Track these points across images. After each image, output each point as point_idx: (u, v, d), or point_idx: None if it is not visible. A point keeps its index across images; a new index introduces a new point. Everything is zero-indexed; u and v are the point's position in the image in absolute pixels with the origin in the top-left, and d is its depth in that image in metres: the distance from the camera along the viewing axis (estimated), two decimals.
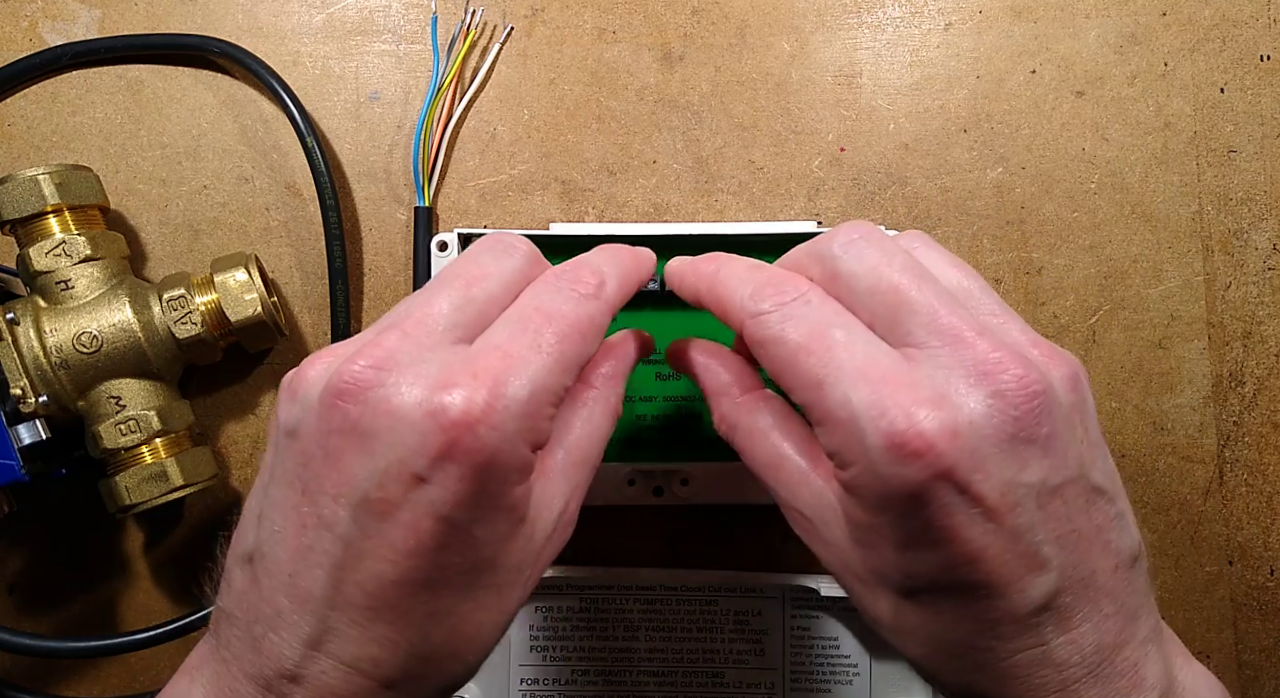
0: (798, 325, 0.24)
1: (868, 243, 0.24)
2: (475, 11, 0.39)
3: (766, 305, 0.24)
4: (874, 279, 0.24)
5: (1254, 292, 0.38)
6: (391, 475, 0.22)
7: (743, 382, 0.28)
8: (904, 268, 0.24)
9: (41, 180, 0.34)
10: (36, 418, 0.33)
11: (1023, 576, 0.22)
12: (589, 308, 0.25)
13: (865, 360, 0.23)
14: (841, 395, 0.22)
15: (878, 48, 0.39)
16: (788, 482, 0.26)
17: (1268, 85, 0.38)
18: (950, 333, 0.23)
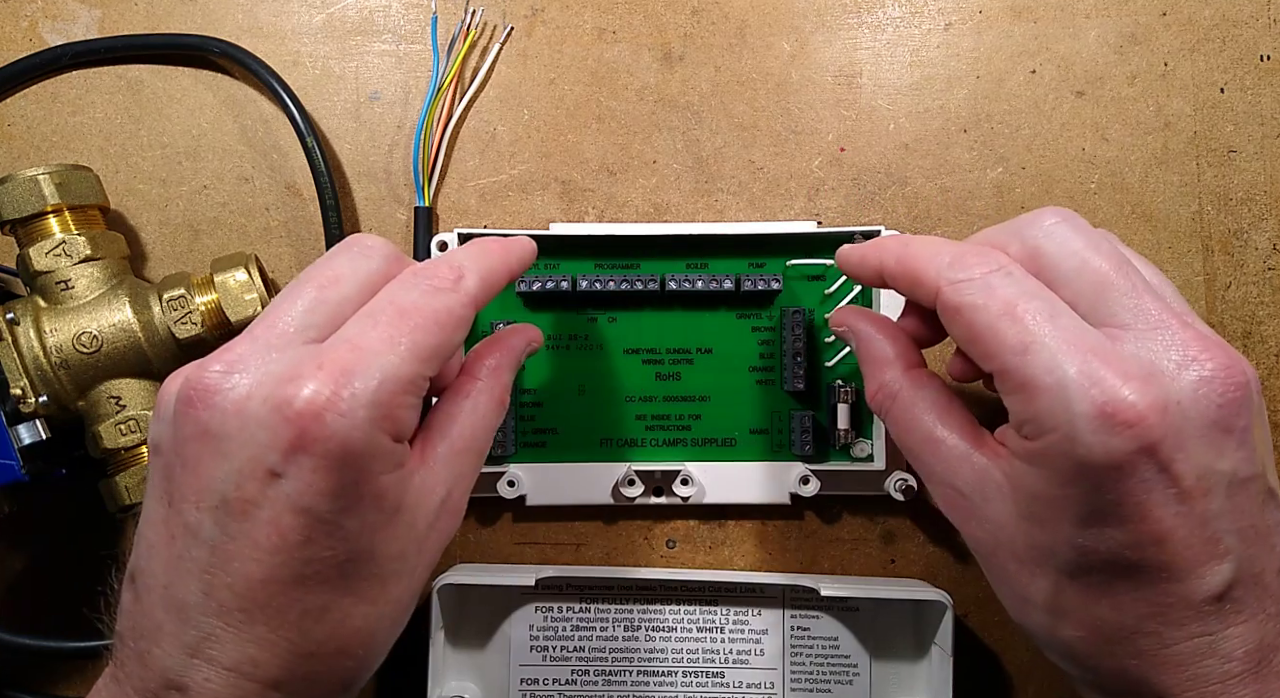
0: (1001, 292, 0.24)
1: (1072, 228, 0.25)
2: (475, 11, 0.39)
3: (967, 273, 0.24)
4: (1079, 261, 0.24)
5: (1254, 292, 0.38)
6: (246, 474, 0.22)
7: (909, 356, 0.29)
8: (1110, 253, 0.24)
9: (41, 180, 0.34)
10: (36, 418, 0.33)
11: (1204, 562, 0.22)
12: (445, 300, 0.25)
13: (1073, 332, 0.23)
14: (1049, 361, 0.22)
15: (878, 48, 0.39)
16: (947, 457, 0.26)
17: (1268, 85, 0.38)
18: (1156, 317, 0.23)
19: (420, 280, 0.25)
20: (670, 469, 0.37)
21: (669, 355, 0.37)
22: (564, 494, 0.37)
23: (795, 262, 0.37)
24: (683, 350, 0.38)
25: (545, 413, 0.37)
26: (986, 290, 0.24)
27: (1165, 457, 0.21)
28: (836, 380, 0.37)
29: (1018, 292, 0.24)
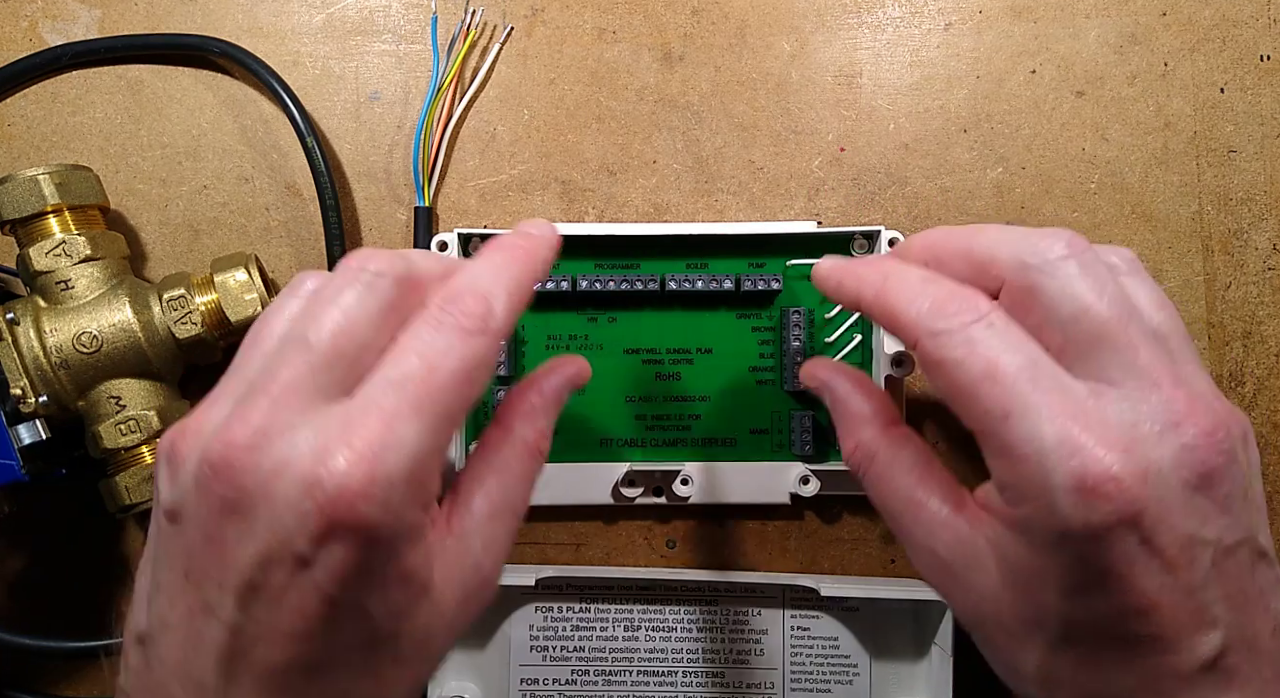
0: (983, 350, 0.23)
1: (1079, 266, 0.23)
2: (475, 11, 0.39)
3: (946, 324, 0.23)
4: (1079, 307, 0.23)
5: (1254, 292, 0.38)
6: (274, 560, 0.21)
7: (886, 414, 0.28)
8: (1114, 301, 0.23)
9: (41, 180, 0.34)
10: (36, 418, 0.33)
11: (1193, 632, 0.22)
12: (474, 346, 0.23)
13: (1055, 395, 0.22)
14: (1029, 430, 0.22)
15: (878, 48, 0.39)
16: (929, 522, 0.25)
17: (1268, 85, 0.38)
18: (1148, 376, 0.22)
19: (446, 319, 0.23)
20: (670, 469, 0.37)
21: (669, 355, 0.37)
22: (564, 494, 0.37)
23: (795, 262, 0.37)
24: (683, 350, 0.38)
25: None
26: (967, 346, 0.23)
27: (1148, 528, 0.21)
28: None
29: (1000, 348, 0.23)
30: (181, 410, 0.36)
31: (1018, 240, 0.24)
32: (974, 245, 0.25)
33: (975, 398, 0.23)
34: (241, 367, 0.24)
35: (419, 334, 0.23)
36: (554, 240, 0.27)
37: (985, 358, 0.22)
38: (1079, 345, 0.23)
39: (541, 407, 0.27)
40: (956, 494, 0.25)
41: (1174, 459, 0.21)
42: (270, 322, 0.25)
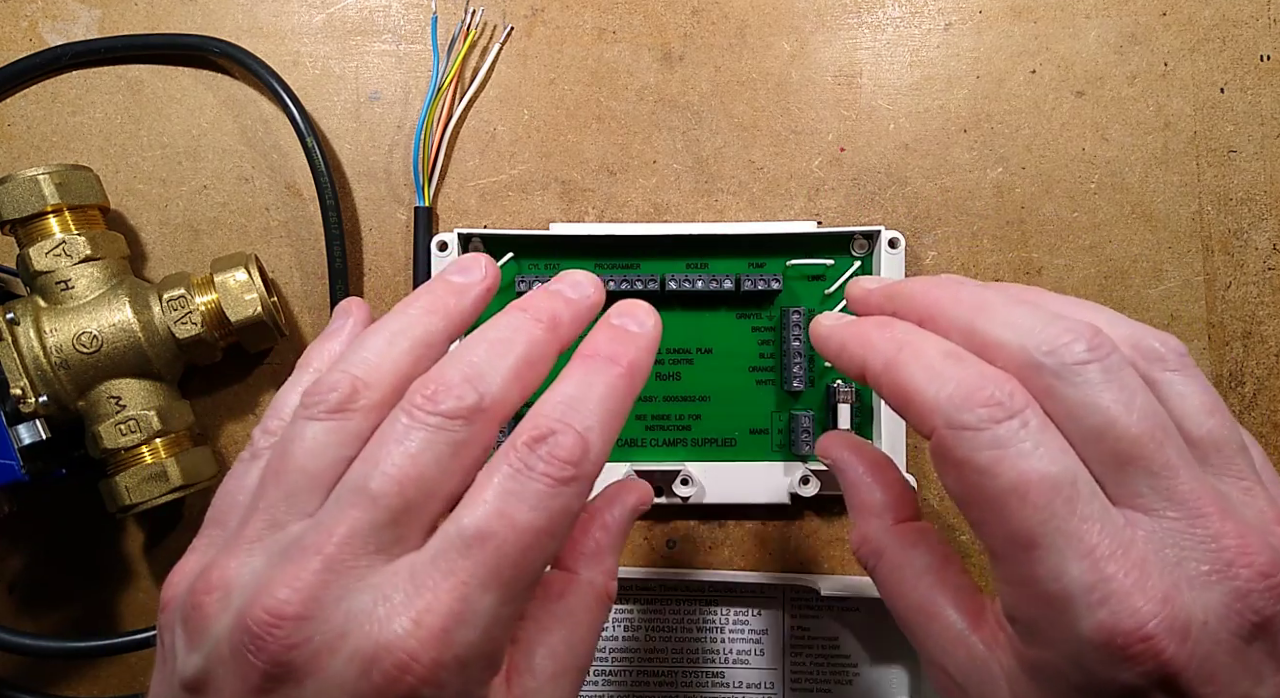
0: (1015, 459, 0.19)
1: (1103, 373, 0.20)
2: (475, 11, 0.39)
3: (973, 419, 0.20)
4: (1105, 421, 0.19)
5: (1254, 292, 0.38)
6: None
7: (902, 507, 0.25)
8: (1145, 415, 0.20)
9: (41, 180, 0.34)
10: (36, 418, 0.33)
11: None
12: (563, 499, 0.19)
13: (1090, 523, 0.19)
14: (1056, 565, 0.19)
15: (878, 48, 0.39)
16: (940, 636, 0.22)
17: (1268, 85, 0.38)
18: (1190, 504, 0.19)
19: (536, 465, 0.19)
20: (670, 469, 0.37)
21: (669, 355, 0.38)
22: None
23: (795, 262, 0.37)
24: (683, 350, 0.38)
25: None
26: (996, 450, 0.19)
27: (1188, 690, 0.18)
28: (836, 381, 0.37)
29: (1035, 459, 0.19)
30: (182, 410, 0.36)
31: (1031, 332, 0.21)
32: (978, 325, 0.22)
33: (999, 516, 0.19)
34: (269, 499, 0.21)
35: (501, 483, 0.19)
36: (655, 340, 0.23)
37: (1017, 469, 0.19)
38: (1107, 466, 0.20)
39: (608, 545, 0.24)
40: (975, 605, 0.22)
41: (1223, 608, 0.18)
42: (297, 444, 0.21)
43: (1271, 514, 0.20)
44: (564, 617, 0.22)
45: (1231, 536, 0.19)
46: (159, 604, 0.22)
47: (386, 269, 0.39)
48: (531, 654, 0.21)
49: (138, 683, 0.38)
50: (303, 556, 0.19)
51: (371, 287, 0.39)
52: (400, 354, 0.22)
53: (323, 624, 0.18)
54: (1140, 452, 0.19)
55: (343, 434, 0.21)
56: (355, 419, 0.21)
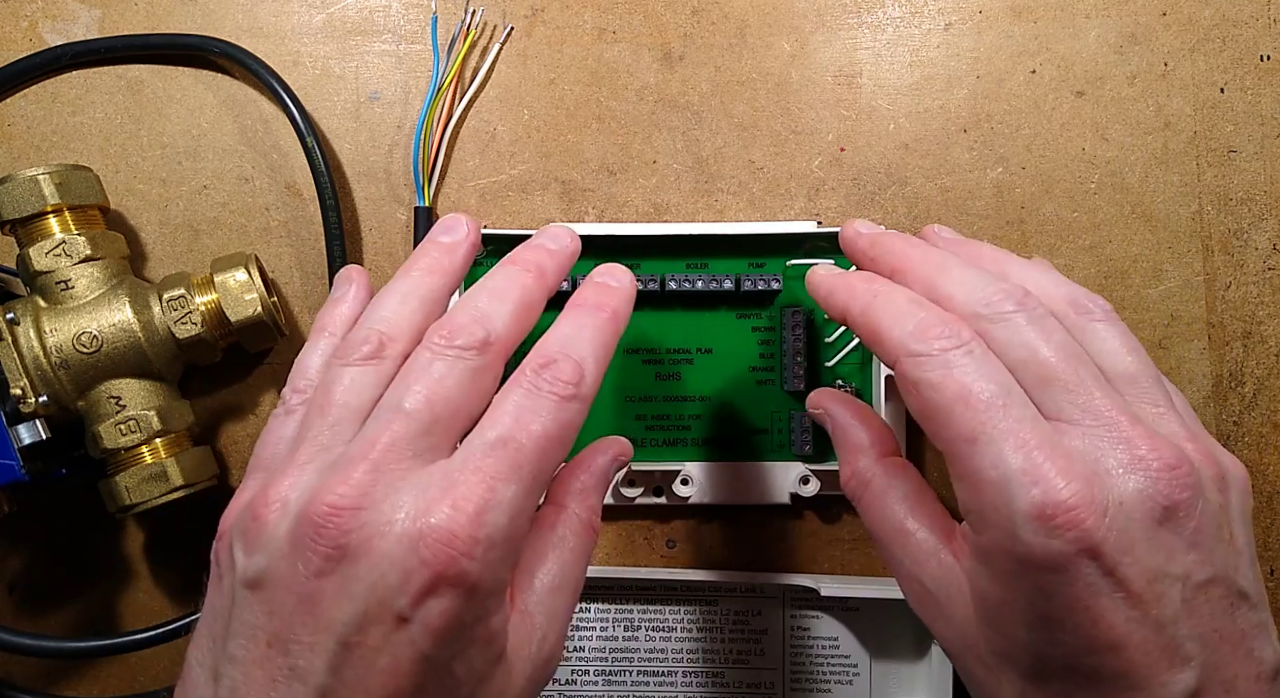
0: (959, 375, 0.23)
1: (1027, 318, 0.24)
2: (475, 11, 0.39)
3: (926, 348, 0.24)
4: (1028, 352, 0.24)
5: (1254, 292, 0.38)
6: (372, 618, 0.21)
7: (884, 444, 0.28)
8: (1062, 346, 0.24)
9: (41, 180, 0.34)
10: (36, 418, 0.33)
11: (1164, 669, 0.21)
12: (569, 412, 0.24)
13: (1022, 424, 0.22)
14: (994, 455, 0.22)
15: (878, 48, 0.39)
16: (915, 552, 0.25)
17: (1268, 85, 0.38)
18: (1105, 414, 0.23)
19: (542, 386, 0.24)
20: (670, 469, 0.37)
21: (669, 355, 0.38)
22: None
23: (795, 262, 0.37)
24: (683, 350, 0.38)
25: None
26: (944, 369, 0.23)
27: (1110, 560, 0.21)
28: (836, 381, 0.37)
29: (975, 375, 0.23)
30: (182, 410, 0.36)
31: (975, 289, 0.25)
32: (936, 282, 0.26)
33: (946, 420, 0.23)
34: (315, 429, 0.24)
35: (516, 400, 0.24)
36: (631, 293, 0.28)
37: (960, 382, 0.23)
38: (1032, 387, 0.23)
39: (592, 485, 0.28)
40: (946, 526, 0.26)
41: (1136, 493, 0.21)
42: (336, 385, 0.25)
43: (1183, 433, 0.24)
44: (556, 543, 0.26)
45: (1143, 438, 0.22)
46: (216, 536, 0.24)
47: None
48: (531, 574, 0.25)
49: (138, 683, 0.38)
50: (350, 463, 0.22)
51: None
52: (413, 310, 0.26)
53: (373, 513, 0.21)
54: (1057, 374, 0.23)
55: (377, 376, 0.24)
56: (385, 364, 0.25)
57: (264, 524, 0.22)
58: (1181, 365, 0.38)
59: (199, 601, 0.38)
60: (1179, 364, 0.38)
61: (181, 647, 0.38)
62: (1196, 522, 0.22)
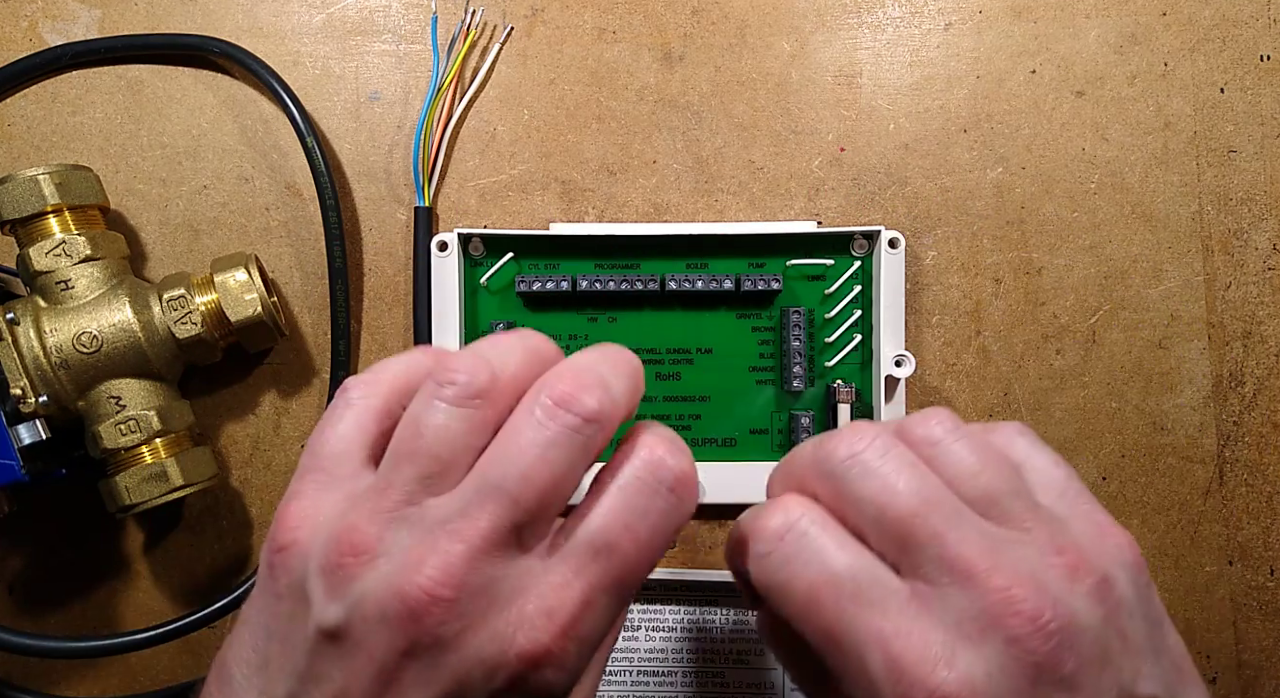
0: (801, 570, 0.22)
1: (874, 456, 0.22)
2: (475, 11, 0.39)
3: (763, 547, 0.23)
4: (875, 508, 0.22)
5: (1254, 292, 0.38)
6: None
7: None
8: (909, 493, 0.22)
9: (41, 180, 0.34)
10: (36, 418, 0.33)
11: None
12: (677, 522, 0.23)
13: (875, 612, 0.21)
14: (857, 658, 0.21)
15: (878, 48, 0.39)
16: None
17: (1268, 85, 0.38)
18: (959, 567, 0.21)
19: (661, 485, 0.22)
20: None
21: (669, 355, 0.37)
22: None
23: (795, 262, 0.37)
24: (683, 350, 0.38)
25: None
26: (784, 568, 0.22)
27: None
28: (836, 381, 0.37)
29: (817, 564, 0.22)
30: (182, 410, 0.36)
31: (814, 449, 0.24)
32: (789, 469, 0.25)
33: (808, 623, 0.22)
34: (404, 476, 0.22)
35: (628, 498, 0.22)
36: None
37: (805, 580, 0.22)
38: (888, 547, 0.22)
39: None
40: None
41: (1002, 657, 0.20)
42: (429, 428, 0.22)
43: (1050, 548, 0.22)
44: None
45: (999, 589, 0.21)
46: (272, 542, 0.23)
47: (386, 269, 0.39)
48: None
49: (138, 683, 0.38)
50: (450, 540, 0.21)
51: (371, 287, 0.39)
52: (524, 355, 0.23)
53: (469, 606, 0.21)
54: (909, 528, 0.22)
55: (473, 422, 0.22)
56: (485, 409, 0.22)
57: (349, 575, 0.21)
58: (1181, 365, 0.38)
59: (199, 601, 0.38)
60: (1179, 364, 0.38)
61: (182, 647, 0.38)
62: (1072, 663, 0.20)
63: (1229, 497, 0.38)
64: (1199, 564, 0.38)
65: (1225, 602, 0.38)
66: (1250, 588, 0.38)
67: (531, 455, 0.21)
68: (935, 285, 0.38)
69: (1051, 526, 0.22)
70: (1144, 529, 0.38)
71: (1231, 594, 0.38)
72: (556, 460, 0.21)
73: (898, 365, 0.36)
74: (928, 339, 0.38)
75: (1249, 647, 0.38)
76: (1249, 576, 0.38)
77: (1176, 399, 0.38)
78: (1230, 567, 0.38)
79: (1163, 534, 0.38)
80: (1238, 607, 0.38)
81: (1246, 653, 0.38)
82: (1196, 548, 0.38)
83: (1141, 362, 0.38)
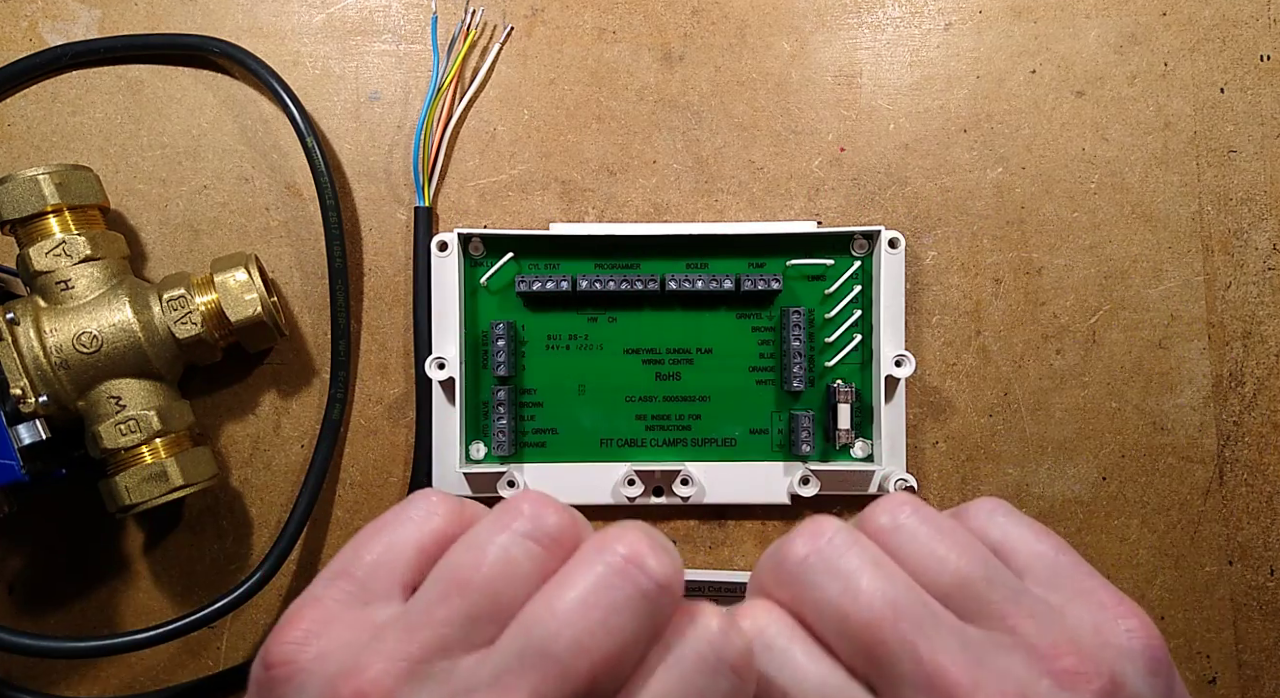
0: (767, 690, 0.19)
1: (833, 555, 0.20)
2: (475, 11, 0.39)
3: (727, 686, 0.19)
4: (840, 615, 0.19)
5: (1254, 292, 0.38)
6: None
7: None
8: (874, 590, 0.19)
9: (41, 180, 0.34)
10: (36, 418, 0.33)
11: None
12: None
13: None
14: None
15: (878, 48, 0.39)
16: None
17: (1268, 85, 0.38)
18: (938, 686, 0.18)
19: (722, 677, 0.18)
20: (670, 469, 0.37)
21: (669, 355, 0.37)
22: (564, 494, 0.37)
23: (795, 262, 0.37)
24: (683, 350, 0.38)
25: (545, 413, 0.37)
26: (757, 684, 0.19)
27: None
28: (837, 381, 0.37)
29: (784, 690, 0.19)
30: (182, 410, 0.36)
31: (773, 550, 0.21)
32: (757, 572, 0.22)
33: None
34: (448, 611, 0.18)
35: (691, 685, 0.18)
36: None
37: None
38: (859, 660, 0.19)
39: None
40: None
41: None
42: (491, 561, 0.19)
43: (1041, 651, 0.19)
44: None
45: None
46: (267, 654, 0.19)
47: (386, 269, 0.39)
48: None
49: (138, 683, 0.38)
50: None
51: (371, 287, 0.39)
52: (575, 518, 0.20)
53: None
54: (877, 638, 0.19)
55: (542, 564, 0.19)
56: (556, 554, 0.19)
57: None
58: (1181, 365, 0.38)
59: (199, 601, 0.38)
60: (1179, 364, 0.38)
61: (182, 647, 0.38)
62: None
63: (1229, 497, 0.38)
64: (1199, 564, 0.38)
65: (1225, 602, 0.38)
66: (1250, 588, 0.38)
67: (592, 618, 0.17)
68: (935, 285, 0.38)
69: (1042, 620, 0.19)
70: (1144, 529, 0.38)
71: (1231, 594, 0.38)
72: (621, 628, 0.17)
73: (898, 365, 0.36)
74: (928, 339, 0.38)
75: (1249, 647, 0.38)
76: (1249, 576, 0.38)
77: (1176, 399, 0.38)
78: (1230, 567, 0.38)
79: (1163, 534, 0.38)
80: (1238, 607, 0.38)
81: (1246, 653, 0.38)
82: (1196, 548, 0.38)
83: (1141, 362, 0.38)
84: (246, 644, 0.38)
